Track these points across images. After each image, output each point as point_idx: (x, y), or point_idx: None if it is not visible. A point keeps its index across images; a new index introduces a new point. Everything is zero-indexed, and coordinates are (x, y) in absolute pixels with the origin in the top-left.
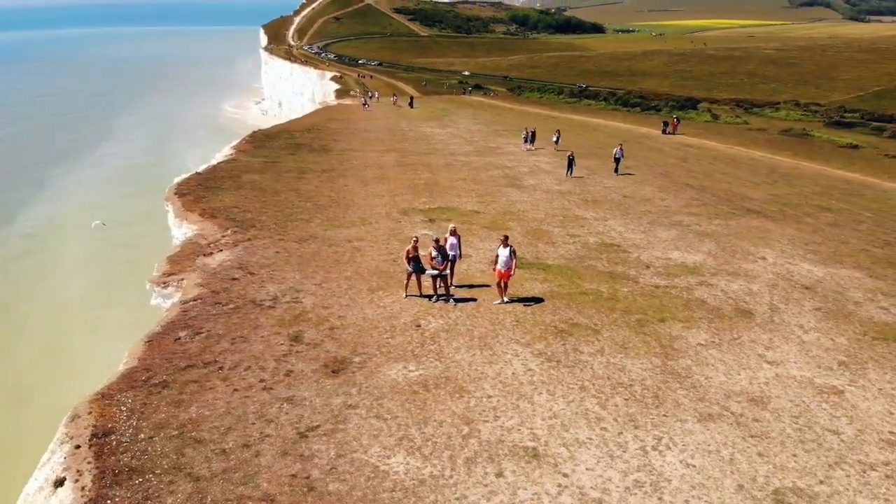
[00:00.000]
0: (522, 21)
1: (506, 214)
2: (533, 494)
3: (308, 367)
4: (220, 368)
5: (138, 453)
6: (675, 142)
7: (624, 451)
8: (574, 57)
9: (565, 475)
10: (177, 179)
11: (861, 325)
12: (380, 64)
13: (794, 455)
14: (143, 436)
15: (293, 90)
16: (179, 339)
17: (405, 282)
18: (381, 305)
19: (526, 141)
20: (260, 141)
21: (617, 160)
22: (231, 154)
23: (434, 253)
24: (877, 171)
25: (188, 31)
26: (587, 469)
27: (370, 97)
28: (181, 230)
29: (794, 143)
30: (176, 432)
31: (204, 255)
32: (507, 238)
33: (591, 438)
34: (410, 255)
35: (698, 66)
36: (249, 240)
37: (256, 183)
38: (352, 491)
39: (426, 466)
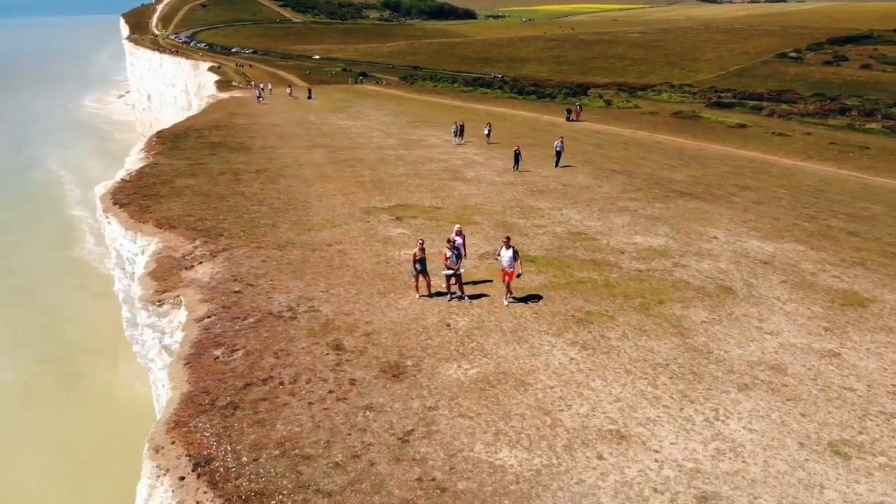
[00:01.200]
0: (395, 7)
1: (466, 208)
2: (638, 472)
3: (368, 374)
4: (282, 384)
5: (254, 477)
6: (584, 129)
7: (693, 425)
8: (454, 43)
9: (656, 451)
10: (100, 189)
11: (826, 294)
12: (255, 52)
13: (829, 412)
14: (246, 459)
15: (164, 82)
16: (218, 357)
17: (415, 283)
18: (400, 308)
19: (456, 134)
20: (170, 141)
21: (558, 153)
22: (147, 157)
23: (448, 253)
24: (771, 149)
25: (41, 23)
26: (671, 444)
27: (262, 89)
28: (137, 244)
29: (690, 126)
30: (277, 451)
31: (185, 268)
32: (509, 239)
33: (659, 416)
34: (417, 258)
35: (572, 51)
36: (225, 249)
37: (195, 188)
38: (482, 487)
39: (533, 458)
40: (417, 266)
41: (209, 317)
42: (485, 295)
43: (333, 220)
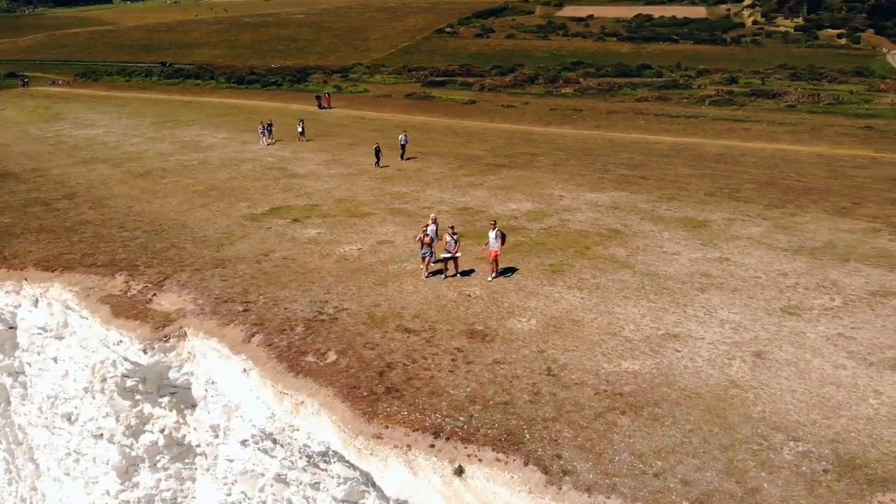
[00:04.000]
0: None
1: (343, 202)
2: (708, 350)
3: (462, 343)
4: (406, 365)
5: (493, 424)
6: (348, 116)
7: (702, 318)
8: (106, 32)
9: (702, 338)
10: None
11: (675, 223)
12: None
13: (762, 293)
14: (468, 416)
15: None
16: (315, 362)
17: (424, 265)
18: (413, 291)
19: (264, 134)
20: None
21: (403, 146)
22: None
23: (448, 239)
24: (516, 120)
25: None
26: (703, 332)
27: None
28: (32, 290)
29: (430, 105)
30: (479, 406)
31: (147, 303)
32: (495, 223)
33: (679, 319)
34: (426, 242)
35: (242, 34)
36: (166, 277)
37: (28, 225)
38: (640, 385)
39: (645, 361)
40: (423, 250)
41: (253, 335)
42: (472, 270)
43: (232, 233)
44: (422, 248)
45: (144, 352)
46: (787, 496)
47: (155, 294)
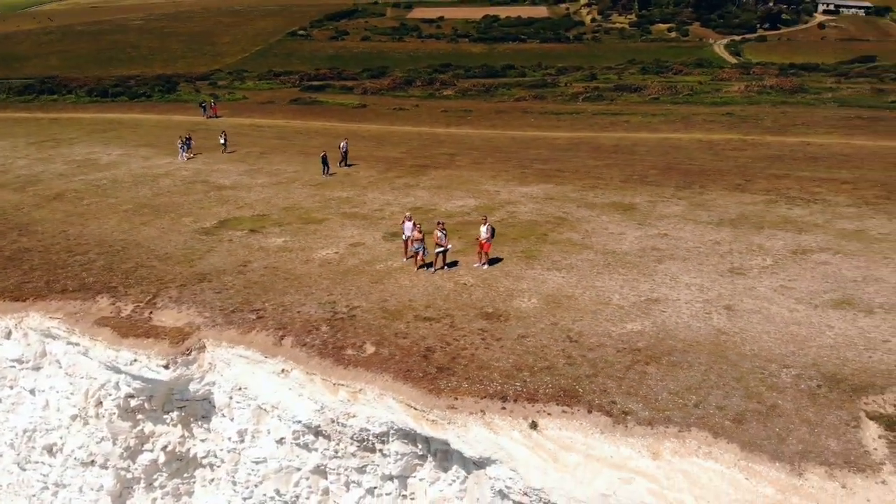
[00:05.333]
0: None
1: (290, 210)
2: (687, 309)
3: (481, 324)
4: (443, 347)
5: (557, 383)
6: (239, 124)
7: (670, 284)
8: None
9: (677, 299)
10: None
11: (607, 207)
12: None
13: (707, 259)
14: (522, 378)
15: None
16: (354, 354)
17: (415, 259)
18: (411, 286)
19: (184, 149)
20: None
21: (344, 154)
22: None
23: (439, 234)
24: (411, 122)
25: None
26: (676, 295)
27: None
28: (3, 322)
29: (322, 111)
30: (535, 369)
31: (147, 321)
32: (486, 218)
33: (653, 287)
34: (417, 238)
35: (78, 43)
36: (155, 295)
37: None
38: (648, 339)
39: (644, 321)
40: (415, 245)
41: (282, 338)
42: (455, 263)
43: (194, 248)
44: (413, 243)
45: (166, 367)
46: (799, 407)
47: (151, 312)
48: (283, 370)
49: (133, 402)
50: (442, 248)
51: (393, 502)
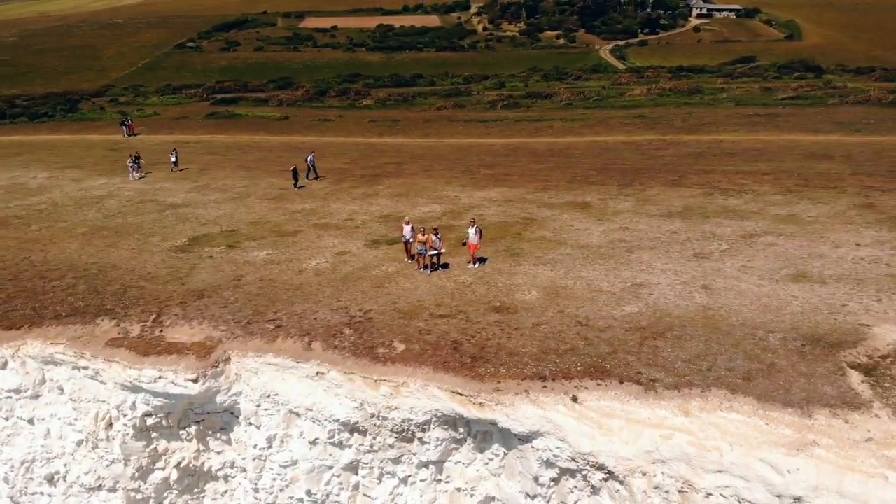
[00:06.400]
0: None
1: (258, 225)
2: (670, 290)
3: (495, 316)
4: (468, 340)
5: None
6: (163, 141)
7: (648, 271)
8: None
9: (658, 283)
10: None
11: (565, 206)
12: None
13: (671, 249)
14: (554, 362)
15: None
16: (384, 353)
17: (417, 259)
18: (414, 287)
19: (134, 168)
20: None
21: (313, 166)
22: None
23: (434, 238)
24: (349, 133)
25: None
26: (657, 279)
27: None
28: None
29: (245, 124)
30: (563, 350)
31: (161, 339)
32: (474, 220)
33: (634, 274)
34: (422, 241)
35: None
36: (159, 314)
37: None
38: (644, 320)
39: (638, 302)
40: (420, 247)
41: (310, 343)
42: (447, 265)
43: (177, 267)
44: (417, 245)
45: (195, 381)
46: (793, 363)
47: (162, 331)
48: (317, 373)
49: (150, 421)
50: (436, 251)
51: (426, 488)
